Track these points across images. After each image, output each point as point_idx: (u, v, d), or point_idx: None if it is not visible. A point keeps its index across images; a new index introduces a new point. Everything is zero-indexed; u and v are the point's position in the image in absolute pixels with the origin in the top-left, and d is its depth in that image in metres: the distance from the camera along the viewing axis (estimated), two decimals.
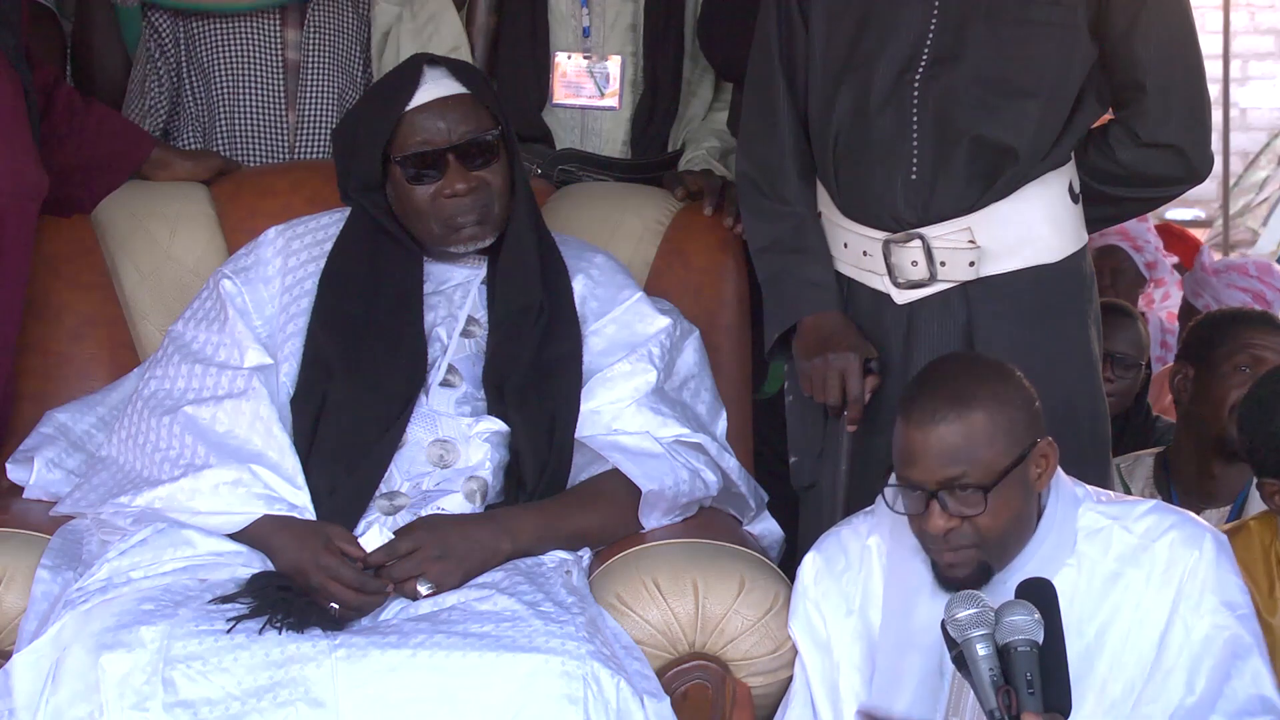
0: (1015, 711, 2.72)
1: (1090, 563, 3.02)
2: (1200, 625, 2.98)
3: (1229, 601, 2.99)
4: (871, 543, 3.13)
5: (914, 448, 2.96)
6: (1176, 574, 2.99)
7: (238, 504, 3.18)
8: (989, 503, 2.93)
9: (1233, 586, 3.01)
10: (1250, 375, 4.22)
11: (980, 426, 2.94)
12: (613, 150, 4.21)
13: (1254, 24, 10.99)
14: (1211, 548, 3.02)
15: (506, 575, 3.16)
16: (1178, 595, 2.99)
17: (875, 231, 3.49)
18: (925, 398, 2.99)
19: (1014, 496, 2.96)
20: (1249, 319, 4.38)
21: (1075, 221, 3.54)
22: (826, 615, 3.13)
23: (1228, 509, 4.19)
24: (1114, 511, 3.07)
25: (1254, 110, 11.03)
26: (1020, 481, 2.97)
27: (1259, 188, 10.63)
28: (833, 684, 3.11)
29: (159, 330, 3.68)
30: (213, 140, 4.23)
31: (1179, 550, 3.01)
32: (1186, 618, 2.98)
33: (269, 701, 2.93)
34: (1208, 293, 5.77)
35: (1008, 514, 2.96)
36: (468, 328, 3.42)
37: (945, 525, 2.95)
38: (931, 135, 3.44)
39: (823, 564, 3.16)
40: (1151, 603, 2.99)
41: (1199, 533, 3.04)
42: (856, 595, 3.12)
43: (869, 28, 3.48)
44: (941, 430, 2.94)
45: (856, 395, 3.44)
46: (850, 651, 3.10)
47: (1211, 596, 2.99)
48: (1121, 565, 3.01)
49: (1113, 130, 3.56)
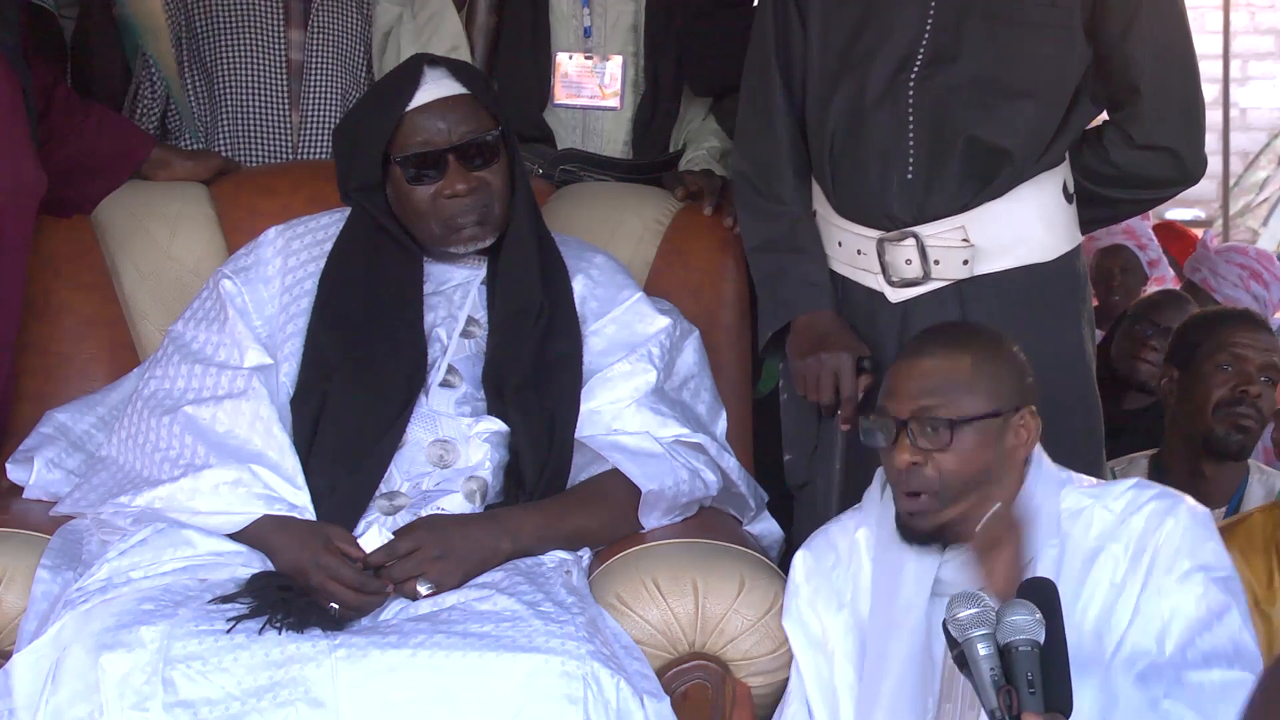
0: (1016, 711, 2.72)
1: (1074, 543, 3.03)
2: (1171, 587, 2.98)
3: (1204, 564, 3.00)
4: (860, 536, 3.15)
5: (897, 378, 3.03)
6: (1151, 541, 3.00)
7: (238, 504, 3.18)
8: (953, 440, 2.96)
9: (1208, 551, 3.01)
10: (1232, 374, 4.24)
11: (963, 369, 3.00)
12: (614, 150, 4.21)
13: (1254, 24, 10.98)
14: (1188, 515, 3.03)
15: (506, 575, 3.16)
16: (1152, 560, 2.99)
17: (870, 230, 3.50)
18: (920, 338, 3.09)
19: (983, 449, 2.99)
20: (1230, 318, 4.39)
21: (1069, 221, 3.55)
22: (819, 611, 3.14)
23: (1223, 510, 4.20)
24: (1095, 492, 3.09)
25: (1254, 110, 11.02)
26: (993, 437, 2.99)
27: (1259, 188, 10.63)
28: (826, 679, 3.11)
29: (159, 330, 3.68)
30: (216, 140, 4.23)
31: (1154, 519, 3.02)
32: (1159, 579, 2.98)
33: (269, 701, 2.93)
34: (1205, 266, 5.78)
35: (973, 465, 2.98)
36: (467, 328, 3.42)
37: (909, 458, 2.98)
38: (927, 135, 3.45)
39: (813, 561, 3.18)
40: (1128, 572, 3.00)
41: (1175, 502, 3.05)
42: (847, 589, 3.13)
43: (866, 28, 3.48)
44: (925, 362, 3.02)
45: (850, 394, 3.45)
46: (843, 644, 3.11)
47: (1185, 560, 2.99)
48: (1102, 541, 3.02)
49: (1107, 132, 3.57)
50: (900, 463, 3.00)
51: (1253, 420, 4.24)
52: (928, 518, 3.00)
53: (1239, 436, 4.24)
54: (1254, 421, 4.25)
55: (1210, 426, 4.24)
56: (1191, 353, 4.31)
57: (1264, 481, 4.30)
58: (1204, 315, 4.50)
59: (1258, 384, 4.26)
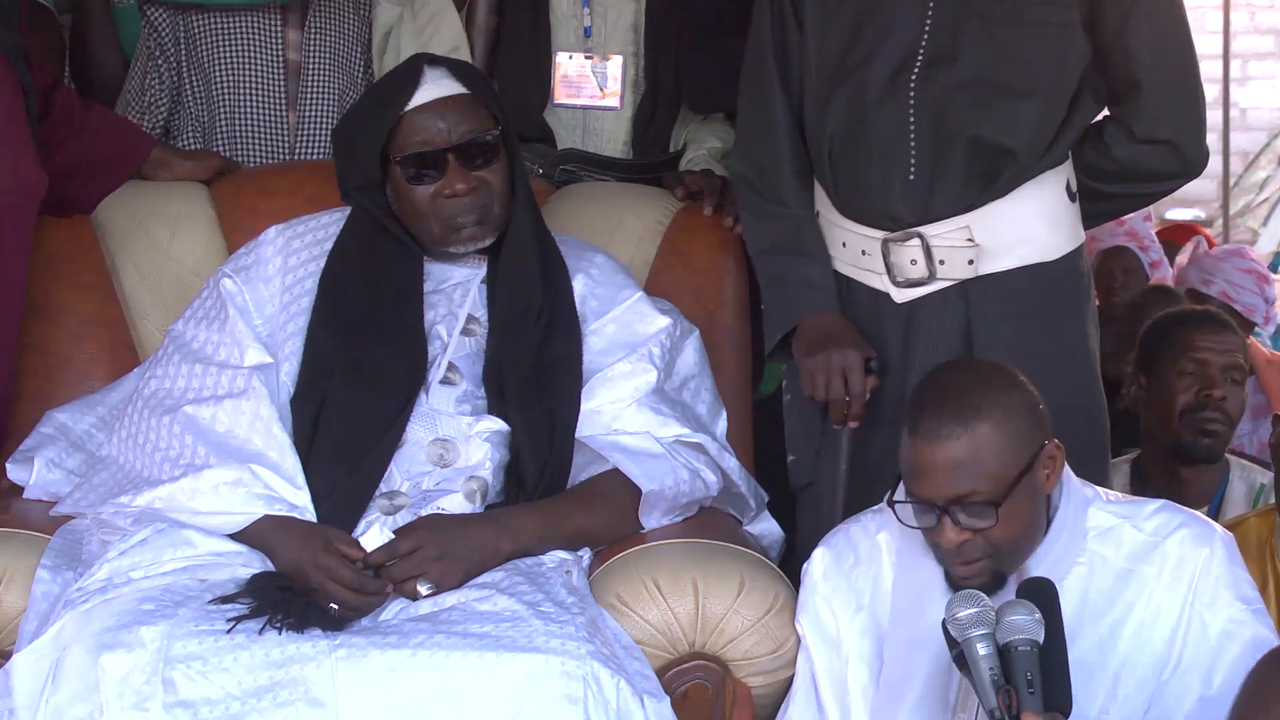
0: (1016, 711, 2.72)
1: (1101, 561, 3.02)
2: (1217, 620, 2.98)
3: (1243, 596, 3.00)
4: (881, 539, 3.13)
5: (922, 465, 2.94)
6: (1188, 571, 2.99)
7: (238, 504, 3.18)
8: (1000, 516, 2.92)
9: (1245, 582, 3.02)
10: (1195, 379, 4.21)
11: (986, 440, 2.92)
12: (614, 150, 4.21)
13: (1254, 24, 10.98)
14: (1222, 545, 3.02)
15: (506, 575, 3.16)
16: (1191, 592, 2.99)
17: (874, 231, 3.50)
18: (930, 412, 2.95)
19: (1025, 505, 2.95)
20: (1190, 321, 4.34)
21: (1073, 220, 3.55)
22: (836, 611, 3.13)
23: (1205, 510, 4.18)
24: (1124, 511, 3.07)
25: (1254, 110, 11.02)
26: (1029, 489, 2.96)
27: (1259, 188, 10.63)
28: (840, 679, 3.11)
29: (159, 330, 3.68)
30: (213, 140, 4.23)
31: (1189, 547, 3.01)
32: (1203, 614, 2.98)
33: (269, 701, 2.93)
34: (1220, 277, 5.77)
35: (1020, 523, 2.95)
36: (468, 326, 3.42)
37: (958, 539, 2.94)
38: (929, 136, 3.45)
39: (831, 560, 3.16)
40: (1164, 599, 2.99)
41: (1209, 530, 3.05)
42: (867, 591, 3.12)
43: (864, 29, 3.48)
44: (949, 447, 2.92)
45: (859, 391, 3.45)
46: (859, 646, 3.10)
47: (1226, 592, 2.99)
48: (1133, 563, 3.01)
49: (1108, 127, 3.57)
50: (948, 543, 2.94)
51: (1219, 424, 4.20)
52: (986, 575, 2.96)
53: (1207, 441, 4.20)
54: (1221, 425, 4.21)
55: (1178, 433, 4.20)
56: (1155, 359, 4.28)
57: (1245, 478, 4.26)
58: (1165, 319, 4.42)
59: (1222, 386, 4.21)
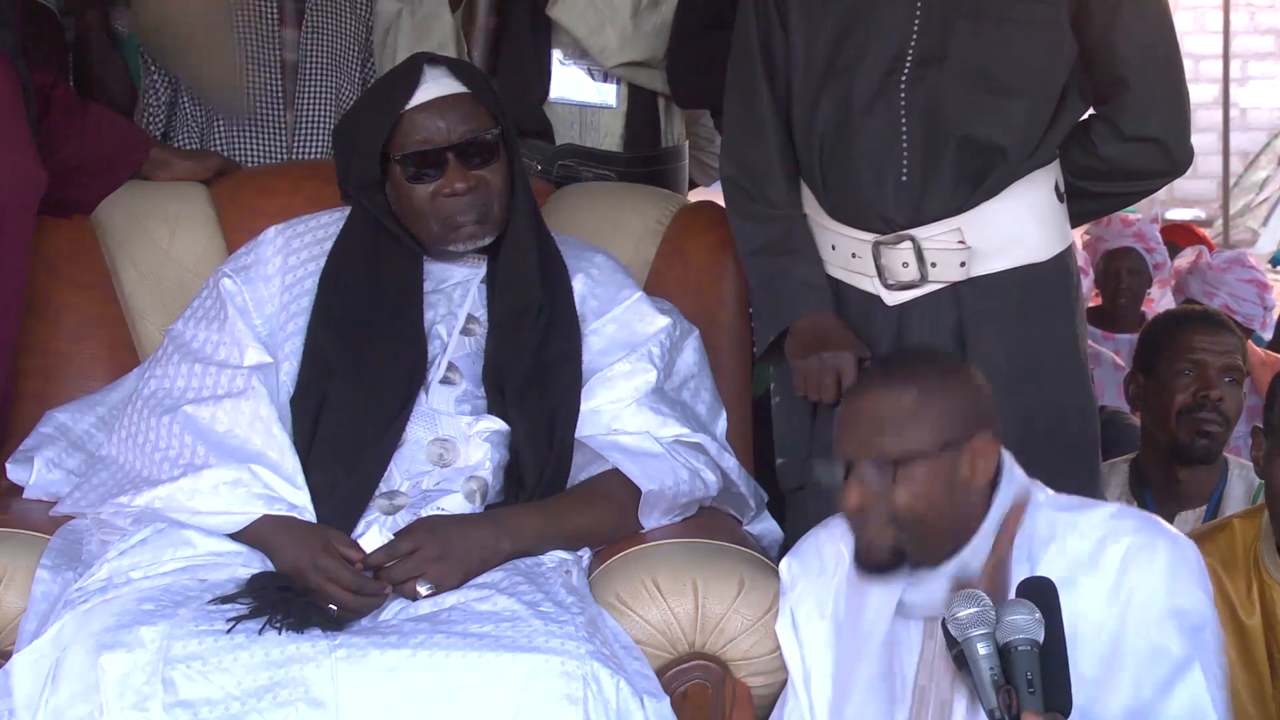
0: (1016, 711, 2.72)
1: (1045, 569, 2.91)
2: (1149, 634, 2.89)
3: (1177, 610, 2.89)
4: (844, 546, 3.08)
5: (843, 417, 2.96)
6: (1129, 582, 2.90)
7: (237, 504, 3.18)
8: (898, 480, 2.89)
9: (1185, 595, 2.91)
10: (1192, 379, 4.21)
11: (907, 405, 2.91)
12: (611, 145, 4.22)
13: (1254, 24, 11.00)
14: (1165, 556, 2.92)
15: (506, 575, 3.16)
16: (1128, 604, 2.90)
17: (864, 233, 3.49)
18: (870, 371, 3.01)
19: (933, 485, 2.90)
20: (1188, 321, 4.33)
21: (1061, 220, 3.55)
22: (801, 620, 3.11)
23: (1203, 509, 4.18)
24: (1070, 518, 2.98)
25: (1254, 110, 11.04)
26: (942, 470, 2.91)
27: (1259, 188, 10.65)
28: (809, 687, 3.10)
29: (159, 330, 3.68)
30: (210, 140, 4.23)
31: (1131, 558, 2.91)
32: (1136, 627, 2.89)
33: (269, 701, 2.93)
34: (1223, 289, 5.78)
35: (924, 498, 2.90)
36: (467, 325, 3.42)
37: (857, 499, 2.92)
38: (921, 136, 3.44)
39: (799, 568, 3.15)
40: (1103, 611, 2.90)
41: (1153, 540, 2.94)
42: (829, 600, 3.10)
43: (851, 30, 3.47)
44: (868, 400, 2.94)
45: None
46: (821, 657, 3.08)
47: (1161, 607, 2.89)
48: (1073, 572, 2.91)
49: (1094, 125, 3.57)
50: (850, 505, 2.93)
51: (1216, 424, 4.19)
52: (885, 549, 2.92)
53: (1204, 442, 4.19)
54: (1218, 425, 4.19)
55: (1175, 434, 4.19)
56: (1154, 359, 4.27)
57: (1243, 476, 4.25)
58: (1164, 319, 4.43)
59: (1219, 387, 4.19)
